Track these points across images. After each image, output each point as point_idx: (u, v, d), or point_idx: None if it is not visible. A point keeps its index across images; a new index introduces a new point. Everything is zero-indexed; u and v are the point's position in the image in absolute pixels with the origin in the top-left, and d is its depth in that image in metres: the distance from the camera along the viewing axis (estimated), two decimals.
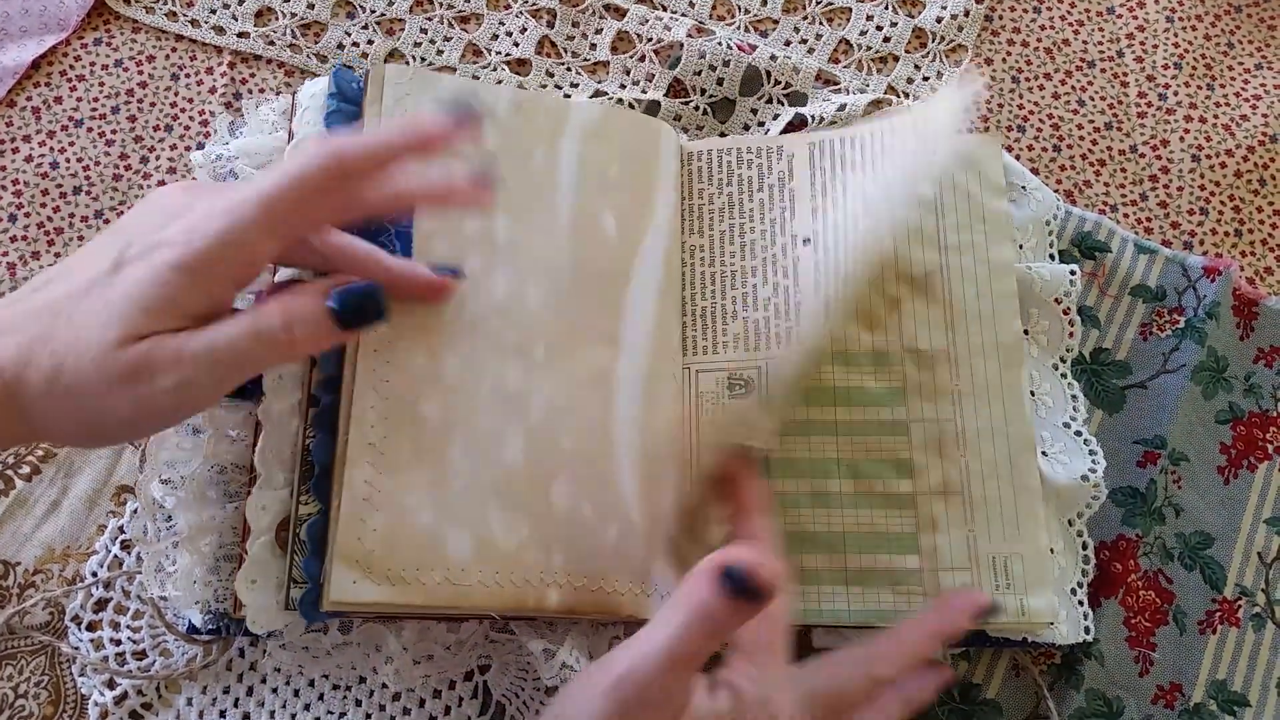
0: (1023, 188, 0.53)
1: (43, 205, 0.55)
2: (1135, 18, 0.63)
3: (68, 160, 0.56)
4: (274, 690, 0.48)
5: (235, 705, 0.48)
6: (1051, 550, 0.47)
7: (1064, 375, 0.51)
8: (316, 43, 0.59)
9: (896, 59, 0.62)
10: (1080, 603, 0.48)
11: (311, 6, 0.60)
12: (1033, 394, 0.50)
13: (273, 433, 0.44)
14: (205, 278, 0.34)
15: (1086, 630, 0.47)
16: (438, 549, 0.42)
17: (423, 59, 0.60)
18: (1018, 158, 0.59)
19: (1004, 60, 0.62)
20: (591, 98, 0.59)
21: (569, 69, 0.60)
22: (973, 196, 0.52)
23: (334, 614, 0.42)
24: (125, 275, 0.33)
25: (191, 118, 0.57)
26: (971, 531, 0.47)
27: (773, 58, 0.59)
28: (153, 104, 0.58)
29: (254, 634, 0.43)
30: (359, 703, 0.48)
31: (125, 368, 0.32)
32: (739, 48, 0.59)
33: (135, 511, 0.51)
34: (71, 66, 0.58)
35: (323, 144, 0.35)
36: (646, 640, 0.35)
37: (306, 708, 0.48)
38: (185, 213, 0.35)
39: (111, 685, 0.47)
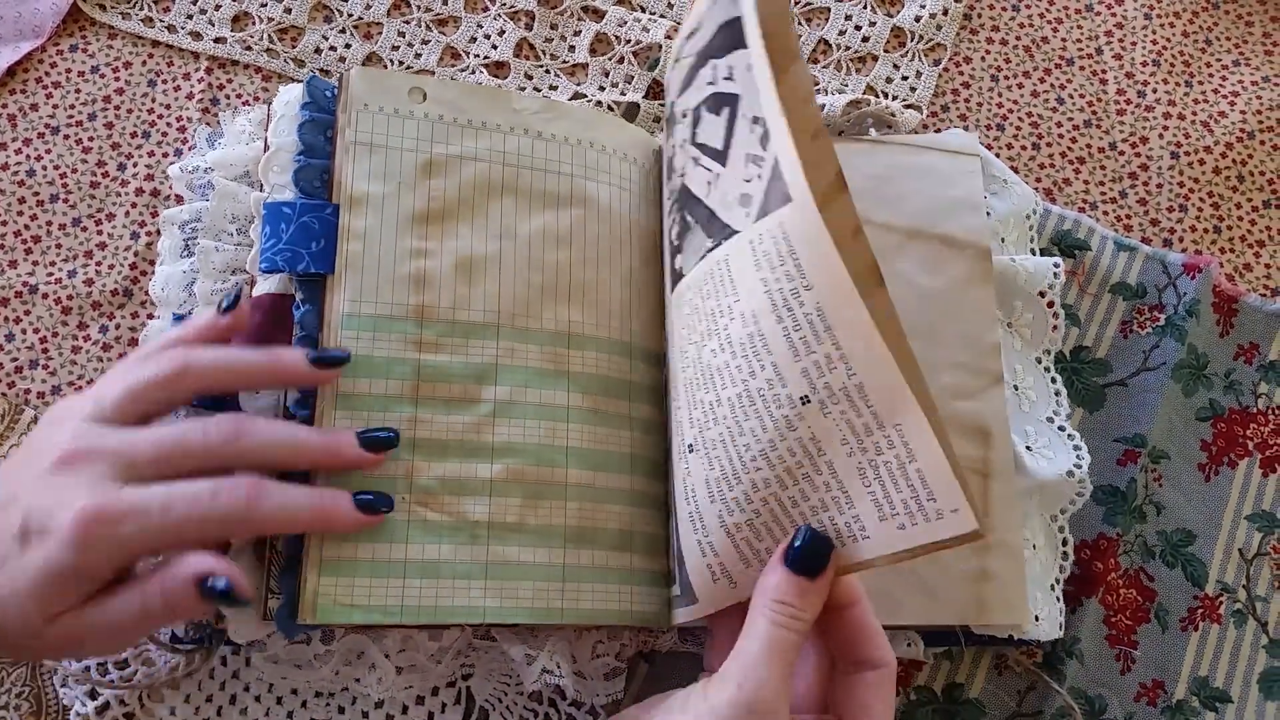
0: (1004, 181, 0.53)
1: (19, 214, 0.55)
2: (1114, 15, 0.63)
3: (44, 168, 0.56)
4: (257, 698, 0.48)
5: (218, 714, 0.47)
6: (1035, 546, 0.47)
7: (1047, 369, 0.51)
8: (294, 47, 0.59)
9: (875, 59, 0.62)
10: (1058, 599, 0.48)
11: (288, 11, 0.59)
12: (1016, 388, 0.50)
13: None
14: (90, 576, 0.37)
15: (1061, 627, 0.47)
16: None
17: (400, 62, 0.59)
18: (997, 156, 0.59)
19: (983, 59, 0.62)
20: (570, 100, 0.59)
21: (547, 71, 0.60)
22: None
23: (311, 626, 0.42)
24: (30, 559, 0.37)
25: (169, 124, 0.57)
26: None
27: None
28: (130, 110, 0.57)
29: (236, 643, 0.43)
30: (342, 710, 0.48)
31: (55, 641, 0.38)
32: None
33: None
34: (47, 73, 0.58)
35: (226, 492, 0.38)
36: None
37: (289, 715, 0.48)
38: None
39: (93, 695, 0.47)
